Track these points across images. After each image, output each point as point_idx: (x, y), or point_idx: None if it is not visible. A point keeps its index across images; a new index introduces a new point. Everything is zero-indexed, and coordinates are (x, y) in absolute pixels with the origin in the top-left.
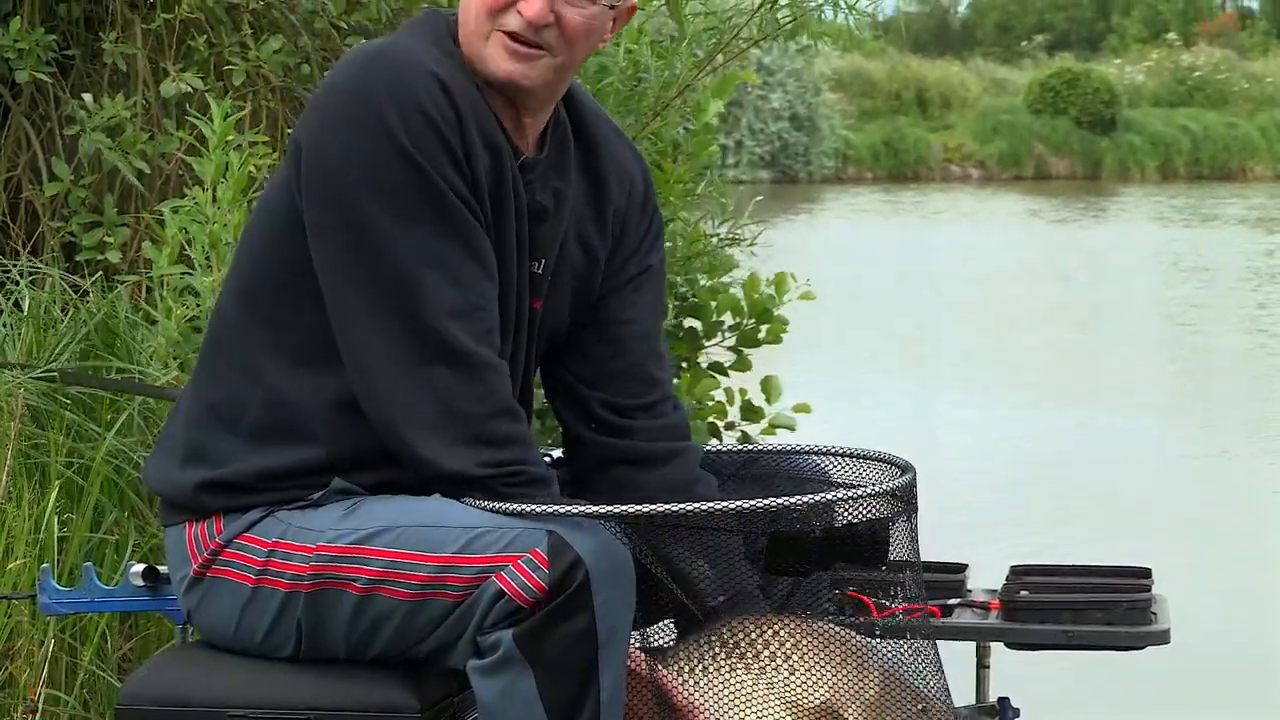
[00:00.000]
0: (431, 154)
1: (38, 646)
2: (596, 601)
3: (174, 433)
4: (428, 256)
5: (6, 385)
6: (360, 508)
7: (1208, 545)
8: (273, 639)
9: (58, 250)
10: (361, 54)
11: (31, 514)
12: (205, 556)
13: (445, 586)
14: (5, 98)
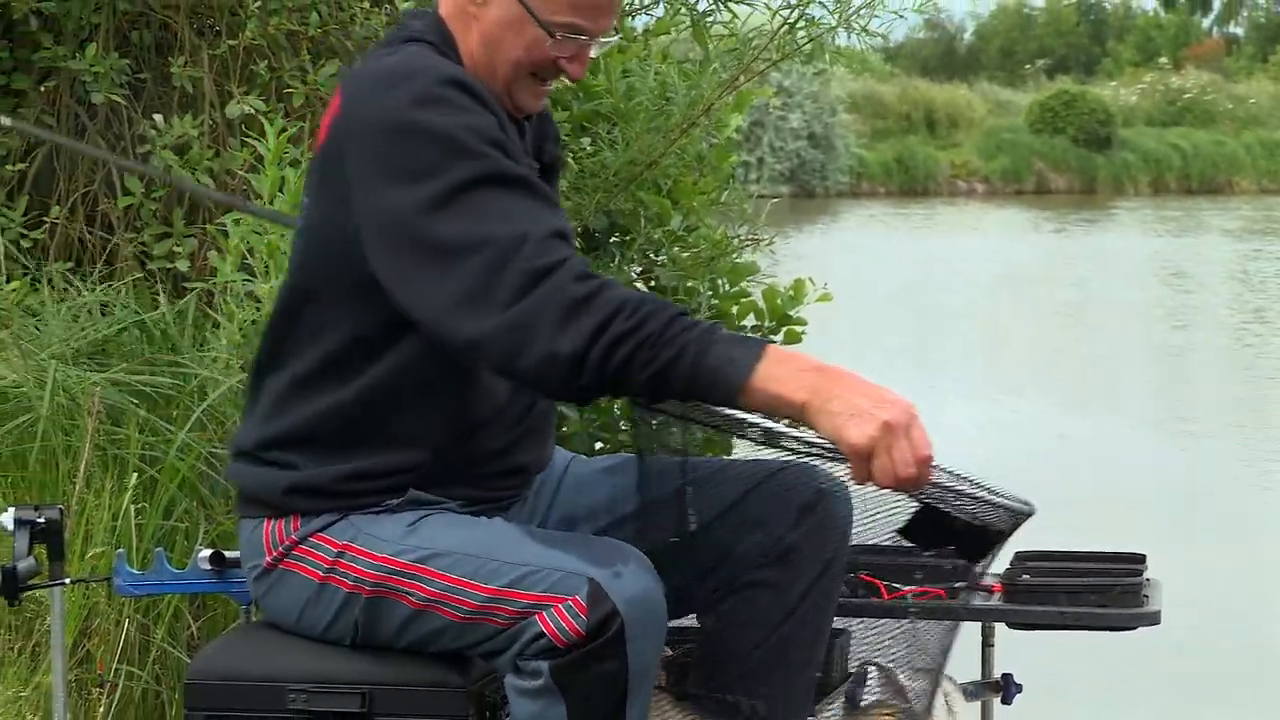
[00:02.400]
0: (478, 131)
1: (114, 626)
2: (629, 649)
3: (260, 434)
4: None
5: (83, 384)
6: (424, 525)
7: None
8: (331, 632)
9: (131, 259)
10: (383, 76)
11: (109, 505)
12: (279, 551)
13: (493, 615)
14: (82, 117)
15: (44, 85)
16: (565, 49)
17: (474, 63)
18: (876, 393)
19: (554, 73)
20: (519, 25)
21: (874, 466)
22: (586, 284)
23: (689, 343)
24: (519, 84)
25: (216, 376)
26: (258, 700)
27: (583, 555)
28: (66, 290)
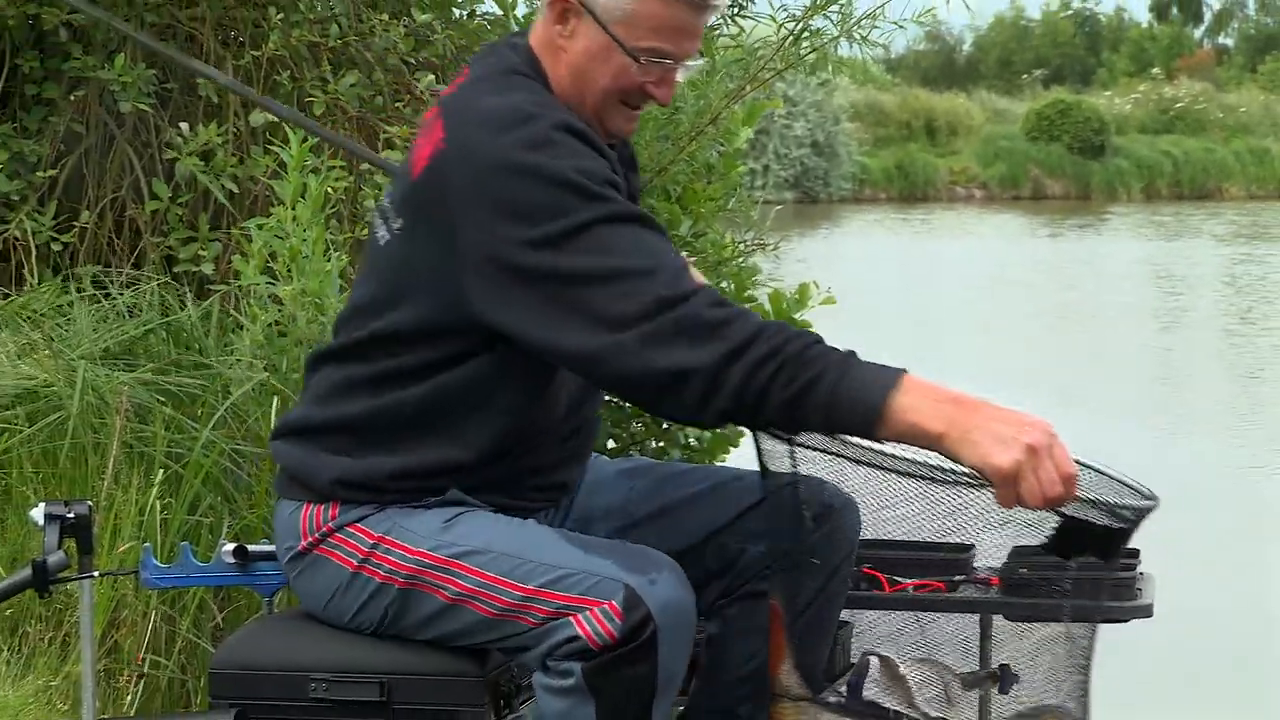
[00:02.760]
0: (596, 176)
1: (141, 617)
2: (660, 653)
3: (314, 419)
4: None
5: (111, 383)
6: (460, 522)
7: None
8: (359, 619)
9: (158, 262)
10: (494, 117)
11: (137, 500)
12: (315, 536)
13: (525, 613)
14: (111, 126)
15: (74, 94)
16: (651, 74)
17: (563, 92)
18: (1014, 417)
19: (642, 98)
20: (605, 53)
21: (1022, 489)
22: (723, 309)
23: (828, 367)
24: (609, 110)
25: (240, 375)
26: (280, 689)
27: (619, 561)
28: (95, 292)
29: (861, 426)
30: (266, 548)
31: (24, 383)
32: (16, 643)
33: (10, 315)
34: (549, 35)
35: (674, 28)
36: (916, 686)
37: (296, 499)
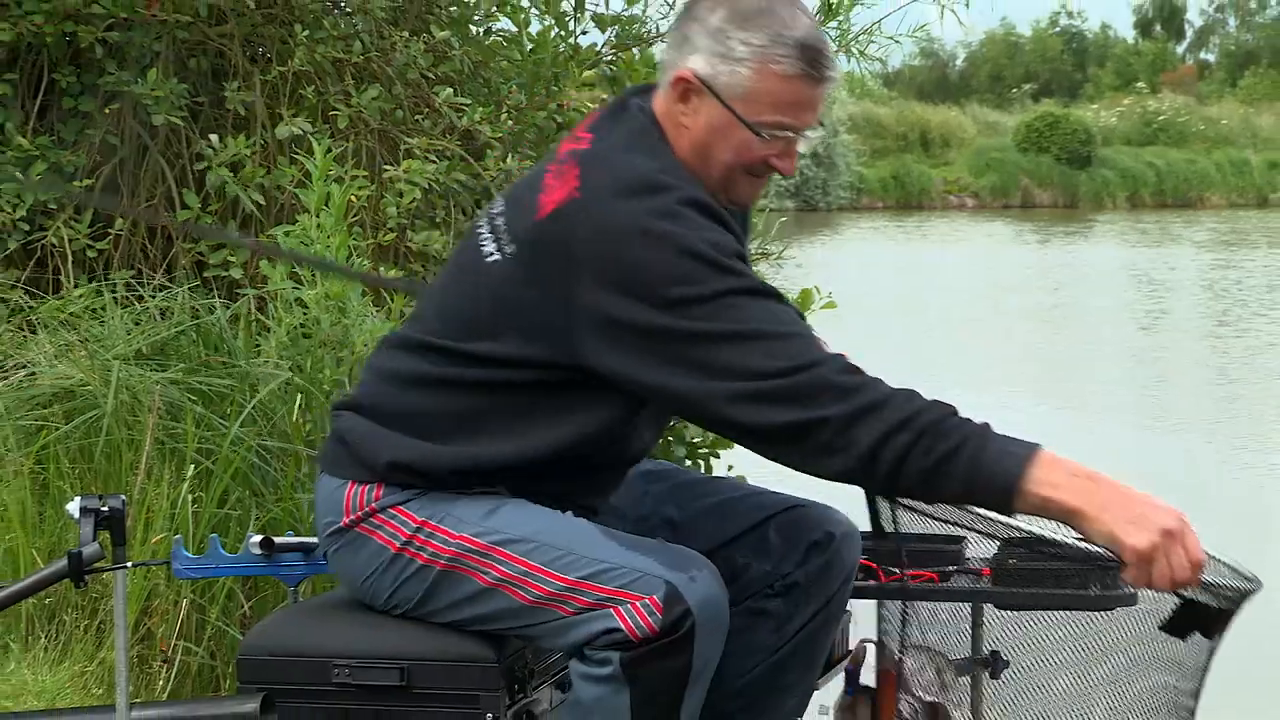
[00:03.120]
0: (726, 249)
1: (172, 606)
2: (695, 647)
3: (385, 402)
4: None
5: (144, 382)
6: (502, 510)
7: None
8: (393, 599)
9: (188, 267)
10: (629, 183)
11: (168, 494)
12: (357, 515)
13: (564, 603)
14: (144, 138)
15: (109, 108)
16: (773, 146)
17: (688, 164)
18: (1149, 501)
19: (765, 170)
20: (727, 129)
21: (1154, 571)
22: (856, 375)
23: (967, 439)
24: (733, 182)
25: (267, 375)
26: (305, 674)
27: (660, 559)
28: (129, 296)
29: (999, 500)
30: (292, 539)
31: (61, 382)
32: (54, 630)
33: (48, 318)
34: (671, 112)
35: (793, 102)
36: (912, 673)
37: (342, 477)
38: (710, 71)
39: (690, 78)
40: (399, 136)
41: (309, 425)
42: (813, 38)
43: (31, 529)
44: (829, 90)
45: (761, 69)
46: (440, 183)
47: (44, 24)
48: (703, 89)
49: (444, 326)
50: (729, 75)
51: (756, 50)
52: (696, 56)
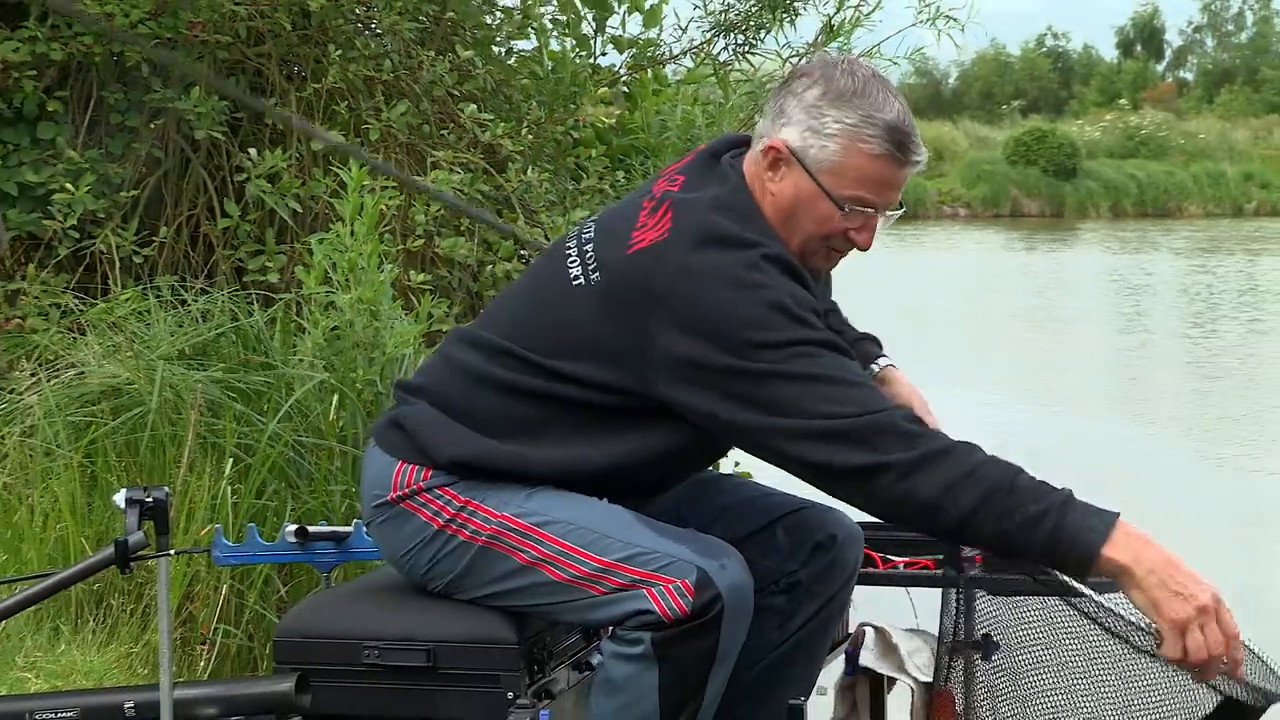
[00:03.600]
0: (803, 303)
1: (213, 591)
2: (722, 630)
3: (452, 397)
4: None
5: (187, 381)
6: (539, 494)
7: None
8: (430, 574)
9: (228, 273)
10: (719, 235)
11: (209, 486)
12: (404, 491)
13: (597, 583)
14: (186, 151)
15: (154, 123)
16: (854, 221)
17: (785, 229)
18: (1191, 574)
19: (844, 242)
20: (812, 200)
21: (1189, 642)
22: (919, 426)
23: (1052, 505)
24: (811, 250)
25: (302, 375)
26: (336, 655)
27: (692, 546)
28: (172, 300)
29: (1075, 569)
30: (325, 529)
31: (109, 381)
32: (101, 614)
33: (96, 320)
34: (760, 176)
35: (877, 180)
36: (908, 654)
37: (394, 455)
38: (801, 144)
39: (782, 148)
40: (426, 149)
41: (342, 422)
42: (903, 122)
43: (80, 519)
44: (914, 172)
45: (850, 146)
46: (464, 193)
47: (93, 44)
48: (792, 160)
49: (519, 334)
50: (819, 150)
51: (848, 128)
52: (790, 129)
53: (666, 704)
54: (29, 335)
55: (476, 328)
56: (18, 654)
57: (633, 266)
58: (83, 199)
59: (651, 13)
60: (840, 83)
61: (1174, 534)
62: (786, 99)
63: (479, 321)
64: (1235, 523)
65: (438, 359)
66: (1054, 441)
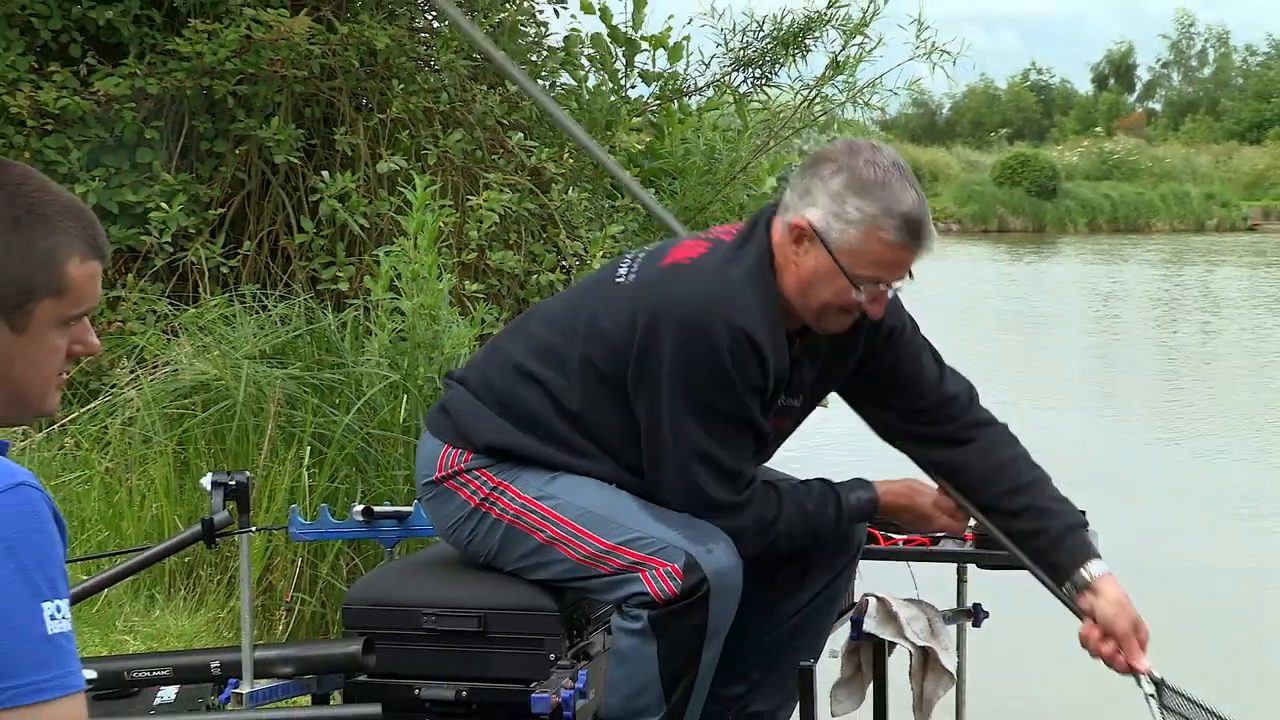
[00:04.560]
0: (745, 382)
1: (289, 563)
2: (711, 610)
3: (495, 389)
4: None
5: (268, 378)
6: (560, 479)
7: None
8: (471, 547)
9: (304, 282)
10: (708, 300)
11: (288, 471)
12: (447, 472)
13: (603, 563)
14: (267, 174)
15: (238, 148)
16: (867, 295)
17: (789, 294)
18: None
19: (856, 311)
20: (830, 276)
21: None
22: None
23: (828, 503)
24: (827, 316)
25: (370, 373)
26: (399, 621)
27: (683, 532)
28: (254, 305)
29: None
30: (389, 509)
31: (199, 377)
32: (191, 584)
33: (188, 323)
34: (785, 248)
35: (891, 263)
36: (907, 621)
37: (441, 438)
38: (824, 226)
39: (806, 227)
40: (478, 172)
41: (405, 415)
42: (918, 212)
43: (173, 499)
44: (924, 255)
45: (869, 233)
46: (513, 211)
47: (185, 80)
48: (815, 238)
49: (560, 320)
50: (840, 233)
51: (868, 217)
52: (815, 210)
53: (666, 672)
54: (129, 337)
55: (528, 318)
56: (118, 619)
57: (654, 276)
58: (175, 216)
59: (675, 49)
60: (863, 173)
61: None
62: (813, 180)
63: (533, 311)
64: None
65: (489, 347)
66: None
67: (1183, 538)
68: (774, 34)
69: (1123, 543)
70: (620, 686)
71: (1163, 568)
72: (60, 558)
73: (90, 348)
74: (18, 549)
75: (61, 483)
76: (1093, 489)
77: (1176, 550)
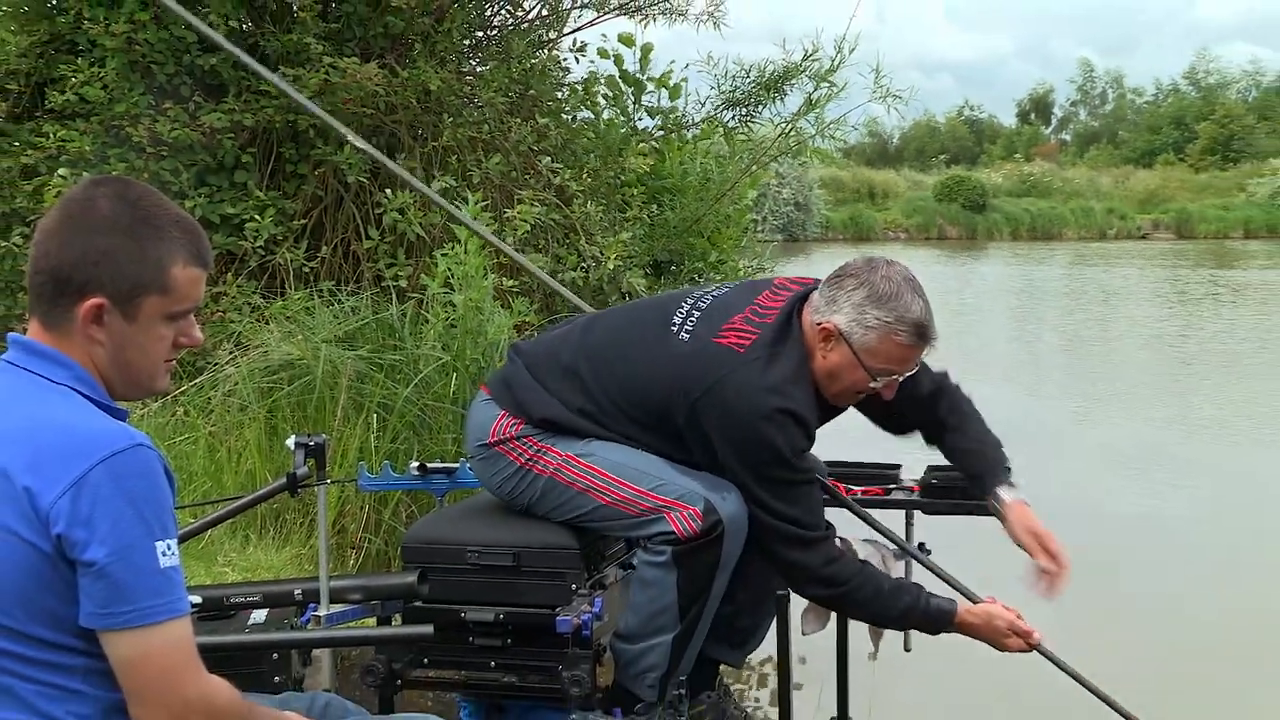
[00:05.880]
0: (798, 450)
1: (358, 510)
2: (724, 547)
3: (546, 376)
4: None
5: (342, 358)
6: (594, 441)
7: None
8: (514, 498)
9: (370, 279)
10: (769, 385)
11: (358, 435)
12: (500, 438)
13: (633, 506)
14: (341, 191)
15: (317, 170)
16: (882, 383)
17: (818, 378)
18: (994, 626)
19: (870, 393)
20: (852, 368)
21: (1009, 646)
22: (838, 553)
23: (913, 608)
24: (844, 396)
25: (426, 355)
26: (447, 557)
27: (702, 483)
28: (330, 299)
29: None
30: (440, 465)
31: (285, 357)
32: (278, 526)
33: (276, 314)
34: (814, 341)
35: (903, 360)
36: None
37: (500, 406)
38: (848, 329)
39: (833, 330)
40: (513, 189)
41: (455, 389)
42: (925, 318)
43: (264, 457)
44: (929, 351)
45: (885, 337)
46: (541, 221)
47: (274, 114)
48: (841, 339)
49: (611, 348)
50: (861, 336)
51: (884, 324)
52: (840, 316)
53: (684, 597)
54: (229, 325)
55: (613, 312)
56: (219, 554)
57: (709, 351)
58: (267, 226)
59: (675, 89)
60: (880, 287)
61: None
62: (839, 291)
63: (617, 309)
64: (1103, 462)
65: (555, 336)
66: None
67: (1082, 486)
68: (758, 79)
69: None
70: (643, 608)
71: (1067, 511)
72: (170, 505)
73: (193, 340)
74: (136, 498)
75: (173, 443)
76: (1012, 444)
77: (1078, 495)
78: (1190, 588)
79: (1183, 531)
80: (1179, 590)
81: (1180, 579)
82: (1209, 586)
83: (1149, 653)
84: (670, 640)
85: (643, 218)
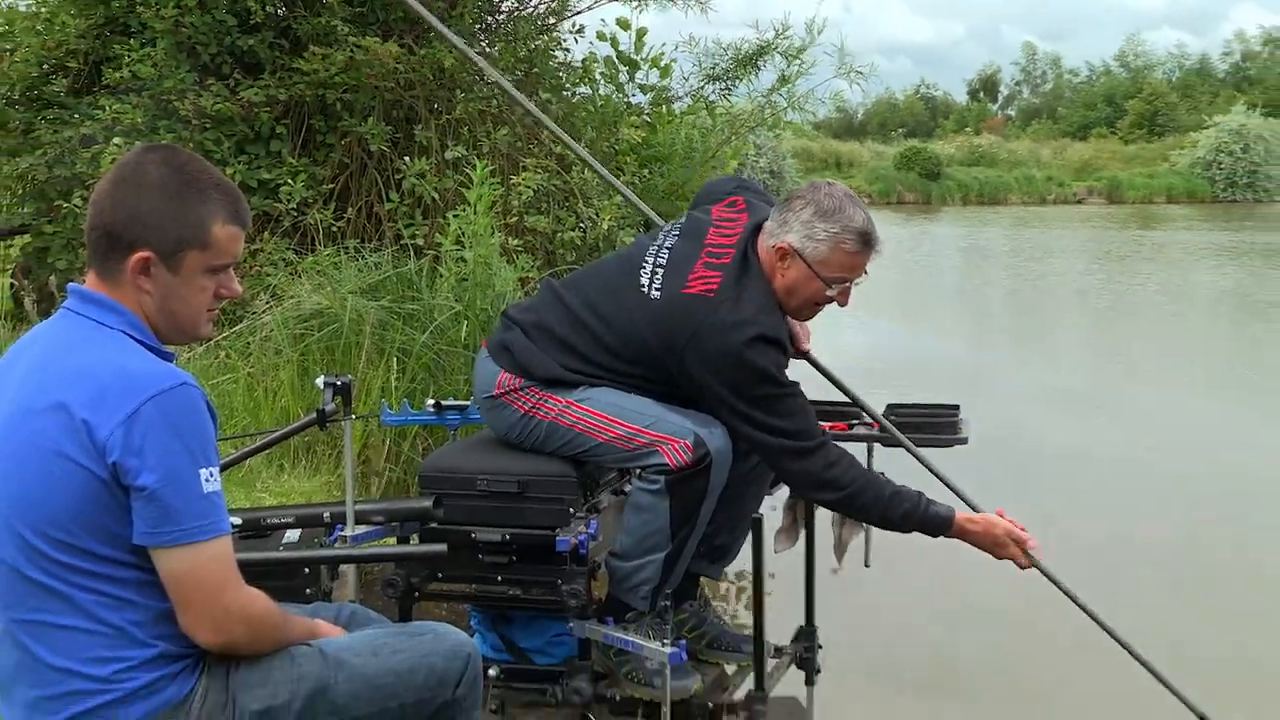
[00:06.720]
0: (779, 368)
1: (381, 442)
2: (711, 476)
3: (542, 338)
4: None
5: (365, 308)
6: (590, 388)
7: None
8: (521, 438)
9: (391, 238)
10: (740, 320)
11: (380, 376)
12: (503, 390)
13: (628, 441)
14: (365, 159)
15: (344, 140)
16: (837, 291)
17: (779, 295)
18: (993, 535)
19: (828, 302)
20: (808, 281)
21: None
22: (840, 464)
23: (915, 510)
24: (805, 310)
25: (441, 304)
26: (460, 484)
27: (692, 419)
28: (356, 255)
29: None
30: (453, 403)
31: (315, 307)
32: (309, 456)
33: (308, 268)
34: (772, 263)
35: (852, 266)
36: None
37: (500, 366)
38: (800, 245)
39: (787, 248)
40: (519, 158)
41: (466, 335)
42: (868, 226)
43: (296, 395)
44: (875, 257)
45: (835, 247)
46: (543, 187)
47: (305, 89)
48: (795, 255)
49: (599, 302)
50: (813, 249)
51: (832, 235)
52: (792, 235)
53: (674, 522)
54: (265, 278)
55: (582, 278)
56: (256, 481)
57: (682, 303)
58: (299, 190)
59: (665, 68)
60: (824, 203)
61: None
62: (789, 213)
63: (583, 274)
64: (1037, 391)
65: (551, 295)
66: (917, 347)
67: (1025, 421)
68: (735, 57)
69: (981, 429)
70: (637, 530)
71: (1011, 445)
72: (213, 437)
73: (232, 292)
74: (183, 431)
75: (216, 383)
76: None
77: (1020, 429)
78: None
79: (1108, 462)
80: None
81: (1105, 506)
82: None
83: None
84: (662, 558)
85: (633, 182)
